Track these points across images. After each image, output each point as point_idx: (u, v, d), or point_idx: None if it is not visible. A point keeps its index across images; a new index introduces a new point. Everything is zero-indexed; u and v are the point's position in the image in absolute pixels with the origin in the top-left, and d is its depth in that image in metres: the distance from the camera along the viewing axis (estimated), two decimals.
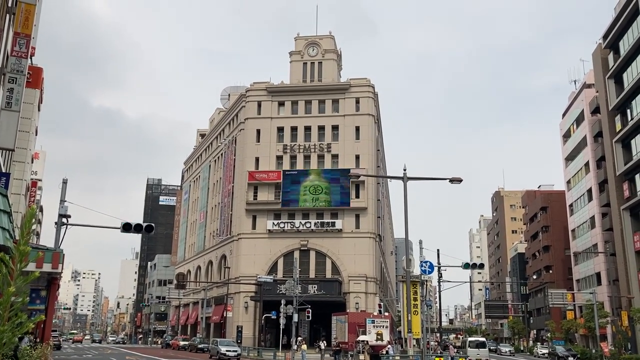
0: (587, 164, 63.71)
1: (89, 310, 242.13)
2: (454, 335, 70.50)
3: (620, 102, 53.09)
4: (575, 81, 72.41)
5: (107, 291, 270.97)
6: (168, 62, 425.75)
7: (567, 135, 70.97)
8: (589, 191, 62.97)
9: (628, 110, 52.31)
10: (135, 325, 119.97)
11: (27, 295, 4.43)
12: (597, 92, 59.65)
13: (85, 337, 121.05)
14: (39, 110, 40.98)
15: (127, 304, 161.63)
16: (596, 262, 61.13)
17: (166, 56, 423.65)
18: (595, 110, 61.28)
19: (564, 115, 73.34)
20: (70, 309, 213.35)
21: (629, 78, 51.40)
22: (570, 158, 70.00)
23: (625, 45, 51.99)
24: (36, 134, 43.60)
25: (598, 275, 60.83)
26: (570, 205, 69.77)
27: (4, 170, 27.52)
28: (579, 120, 66.49)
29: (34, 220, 4.91)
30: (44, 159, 71.25)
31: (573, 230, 68.93)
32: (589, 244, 62.41)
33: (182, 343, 58.76)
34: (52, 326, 23.56)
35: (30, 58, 28.96)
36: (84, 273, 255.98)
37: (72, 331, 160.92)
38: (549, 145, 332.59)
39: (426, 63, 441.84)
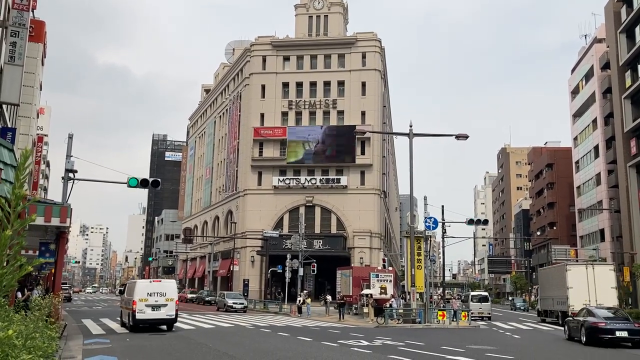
0: (594, 121, 63.12)
1: (97, 264, 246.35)
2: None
3: (632, 57, 52.10)
4: (585, 36, 71.18)
5: (115, 245, 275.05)
6: (174, 18, 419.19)
7: (575, 92, 70.08)
8: (596, 148, 62.61)
9: (639, 66, 51.41)
10: (144, 278, 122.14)
11: (25, 239, 4.55)
12: (608, 47, 58.49)
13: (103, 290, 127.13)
14: (42, 65, 40.66)
15: (135, 258, 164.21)
16: (600, 219, 61.34)
17: (172, 12, 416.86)
18: (605, 66, 60.24)
19: (573, 71, 72.22)
20: (79, 262, 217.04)
21: None
22: (578, 114, 69.32)
23: None
24: (40, 89, 43.40)
25: (602, 231, 61.12)
26: (577, 162, 69.50)
27: (9, 125, 27.57)
28: (588, 76, 65.49)
29: (30, 165, 4.97)
30: (49, 115, 71.11)
31: (578, 187, 68.91)
32: (594, 201, 62.48)
33: (190, 296, 59.81)
34: (62, 279, 24.05)
35: (32, 11, 28.58)
36: (92, 228, 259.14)
37: (94, 285, 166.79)
38: (557, 102, 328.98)
39: (433, 21, 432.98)
